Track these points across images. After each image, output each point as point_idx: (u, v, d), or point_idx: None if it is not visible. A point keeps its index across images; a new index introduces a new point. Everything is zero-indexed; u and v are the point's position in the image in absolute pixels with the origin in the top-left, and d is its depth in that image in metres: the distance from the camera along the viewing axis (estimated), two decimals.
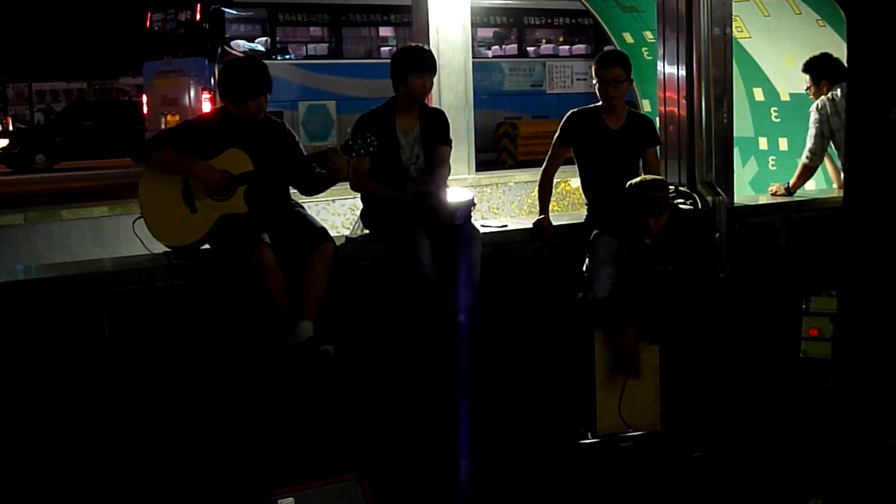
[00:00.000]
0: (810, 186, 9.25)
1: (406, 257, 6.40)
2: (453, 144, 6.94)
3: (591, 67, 7.37)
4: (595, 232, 6.85)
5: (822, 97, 8.48)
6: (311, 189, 6.45)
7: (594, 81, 7.14)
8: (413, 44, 7.28)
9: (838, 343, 5.00)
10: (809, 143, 8.53)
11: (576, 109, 7.30)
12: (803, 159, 8.63)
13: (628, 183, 6.72)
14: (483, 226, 7.07)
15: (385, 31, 23.02)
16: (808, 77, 8.81)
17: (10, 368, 5.66)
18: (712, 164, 7.90)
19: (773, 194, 8.70)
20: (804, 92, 9.32)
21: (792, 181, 8.65)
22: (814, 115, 8.49)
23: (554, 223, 7.24)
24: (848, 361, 4.82)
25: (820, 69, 8.70)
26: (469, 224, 6.52)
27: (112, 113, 29.76)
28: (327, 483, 5.31)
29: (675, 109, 7.98)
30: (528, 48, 24.79)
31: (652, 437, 6.48)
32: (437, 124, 6.82)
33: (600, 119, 7.16)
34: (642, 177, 6.85)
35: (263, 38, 21.15)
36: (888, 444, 4.66)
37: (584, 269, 6.77)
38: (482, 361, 6.46)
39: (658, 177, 6.97)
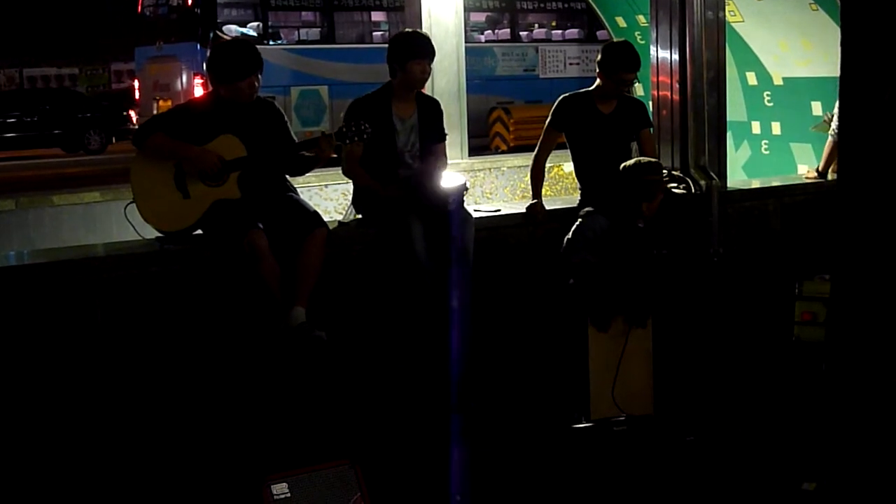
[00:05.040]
0: (802, 171, 9.26)
1: (399, 242, 6.39)
2: (446, 129, 6.92)
3: (593, 56, 7.31)
4: (587, 209, 6.84)
5: None
6: (297, 172, 6.45)
7: (597, 71, 7.11)
8: (410, 29, 7.26)
9: (832, 327, 5.01)
10: (835, 120, 8.53)
11: (568, 94, 7.29)
12: (829, 137, 8.62)
13: (623, 165, 6.73)
14: (476, 210, 7.07)
15: (377, 16, 22.93)
16: None
17: (3, 354, 5.65)
18: (705, 149, 7.90)
19: (806, 177, 8.73)
20: (796, 76, 9.33)
21: (821, 163, 8.62)
22: None
23: (547, 208, 7.23)
24: (842, 345, 4.83)
25: None
26: (462, 209, 6.51)
27: (41, 101, 28.20)
28: (321, 468, 5.32)
29: (669, 94, 7.98)
30: (521, 32, 24.72)
31: (645, 422, 6.48)
32: (433, 116, 6.80)
33: (592, 103, 7.16)
34: (637, 159, 6.85)
35: (255, 23, 21.07)
36: (889, 425, 4.67)
37: (566, 238, 6.77)
38: (475, 346, 6.46)
39: (653, 160, 6.97)
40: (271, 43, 20.94)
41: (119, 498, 5.84)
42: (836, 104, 8.44)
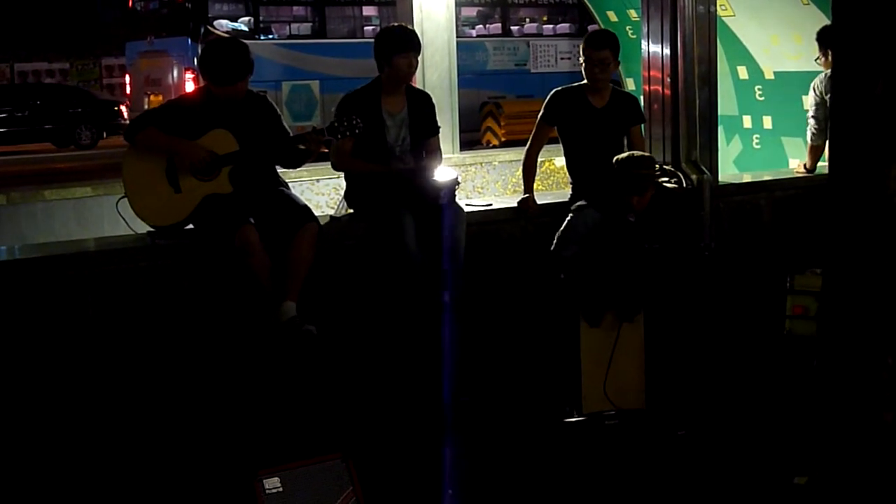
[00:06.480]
0: (794, 165, 9.27)
1: (390, 237, 6.38)
2: (438, 124, 6.92)
3: (578, 46, 7.33)
4: (579, 203, 6.85)
5: (818, 77, 8.42)
6: (291, 164, 6.46)
7: (581, 60, 7.12)
8: (395, 24, 7.25)
9: (823, 321, 5.02)
10: (809, 123, 8.48)
11: (560, 88, 7.28)
12: (807, 140, 8.58)
13: (615, 158, 6.72)
14: (468, 205, 7.06)
15: (369, 11, 22.94)
16: (818, 46, 8.66)
17: None
18: (697, 143, 7.90)
19: (797, 171, 8.71)
20: (788, 70, 9.29)
21: (808, 162, 8.60)
22: (810, 96, 8.44)
23: (539, 202, 7.23)
24: (834, 339, 4.84)
25: (828, 38, 8.50)
26: (453, 203, 6.51)
27: (32, 96, 28.12)
28: (313, 462, 5.31)
29: (660, 88, 7.98)
30: (513, 27, 24.73)
31: (637, 416, 6.49)
32: (425, 110, 6.79)
33: (584, 98, 7.15)
34: (629, 153, 6.84)
35: (246, 18, 21.06)
36: (885, 419, 4.69)
37: (557, 234, 6.78)
38: (467, 340, 6.46)
39: (645, 154, 6.97)
40: (262, 38, 20.93)
41: (111, 493, 5.84)
42: (811, 101, 8.45)
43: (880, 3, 4.51)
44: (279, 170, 6.52)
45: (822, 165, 8.45)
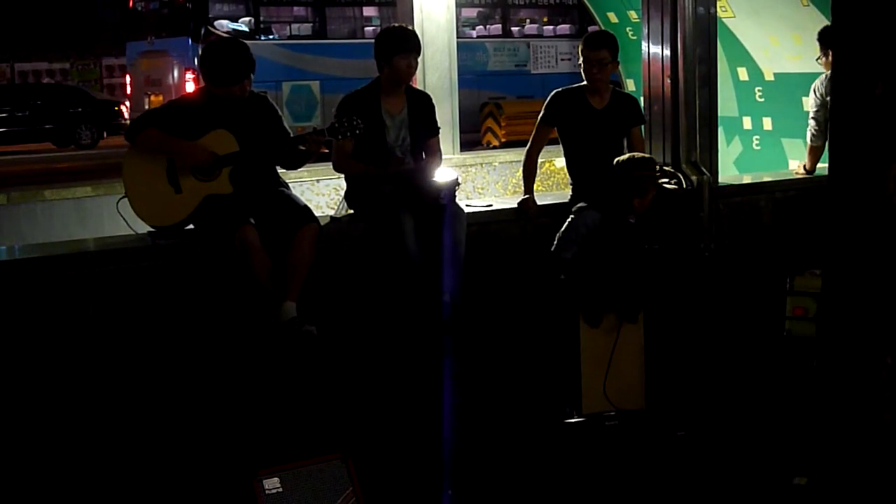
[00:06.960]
0: (793, 166, 9.28)
1: (390, 237, 6.39)
2: (438, 124, 6.93)
3: (577, 47, 7.35)
4: (580, 205, 6.85)
5: (818, 79, 8.42)
6: (291, 165, 6.47)
7: (580, 61, 7.13)
8: (396, 24, 7.25)
9: (823, 322, 5.03)
10: (810, 124, 8.47)
11: (560, 89, 7.29)
12: (807, 141, 8.58)
13: (616, 159, 6.74)
14: (468, 205, 7.06)
15: (369, 11, 22.96)
16: (818, 46, 8.62)
17: None
18: (697, 144, 7.90)
19: (797, 172, 8.70)
20: (787, 71, 9.27)
21: (807, 163, 8.60)
22: (811, 98, 8.44)
23: (539, 203, 7.23)
24: (833, 340, 4.84)
25: (829, 38, 8.47)
26: (454, 204, 6.51)
27: (33, 96, 28.14)
28: (313, 463, 5.32)
29: (660, 89, 7.97)
30: (513, 28, 24.75)
31: (637, 416, 6.49)
32: (425, 110, 6.80)
33: (584, 99, 7.15)
34: (630, 154, 6.85)
35: (247, 18, 21.07)
36: (885, 419, 4.69)
37: (558, 235, 6.78)
38: (467, 341, 6.47)
39: (646, 155, 6.98)
40: (263, 38, 20.94)
41: (111, 493, 5.84)
42: (812, 103, 8.44)
43: (880, 3, 4.52)
44: (279, 170, 6.52)
45: (822, 167, 8.44)
